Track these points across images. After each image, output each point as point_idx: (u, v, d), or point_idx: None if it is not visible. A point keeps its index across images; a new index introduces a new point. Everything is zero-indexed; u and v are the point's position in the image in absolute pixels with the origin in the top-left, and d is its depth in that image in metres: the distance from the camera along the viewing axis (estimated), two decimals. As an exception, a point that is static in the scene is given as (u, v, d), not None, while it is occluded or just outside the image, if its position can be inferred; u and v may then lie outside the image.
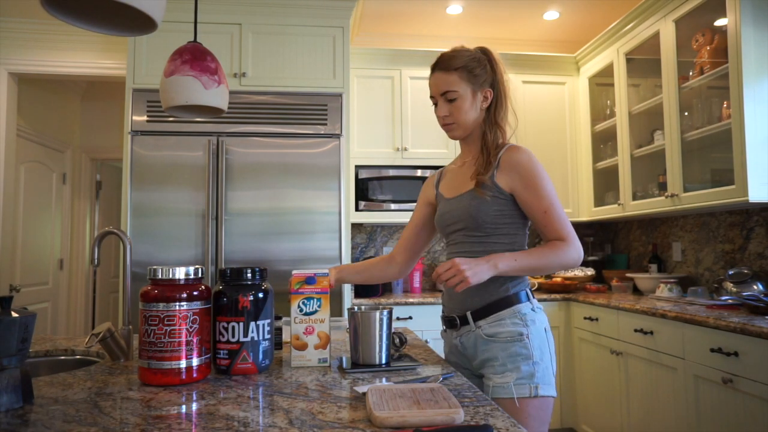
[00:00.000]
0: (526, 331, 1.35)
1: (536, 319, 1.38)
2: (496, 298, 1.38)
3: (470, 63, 1.43)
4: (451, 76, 1.44)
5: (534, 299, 1.43)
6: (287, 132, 2.95)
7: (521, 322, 1.36)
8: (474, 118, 1.46)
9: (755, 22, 2.35)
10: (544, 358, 1.35)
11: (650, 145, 3.05)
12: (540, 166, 1.39)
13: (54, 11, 1.05)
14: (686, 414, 2.25)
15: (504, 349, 1.35)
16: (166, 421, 0.91)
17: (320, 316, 1.33)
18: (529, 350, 1.33)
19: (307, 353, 1.31)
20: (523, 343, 1.34)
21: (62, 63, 3.33)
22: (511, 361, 1.33)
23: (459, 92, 1.43)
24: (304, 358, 1.31)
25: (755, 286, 2.43)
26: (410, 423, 0.86)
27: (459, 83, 1.43)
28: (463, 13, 3.69)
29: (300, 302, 1.33)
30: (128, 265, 1.50)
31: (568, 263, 1.35)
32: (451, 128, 1.48)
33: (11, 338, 0.96)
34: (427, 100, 3.61)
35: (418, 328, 3.10)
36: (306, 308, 1.33)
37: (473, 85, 1.43)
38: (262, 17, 3.00)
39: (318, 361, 1.31)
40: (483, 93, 1.45)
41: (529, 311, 1.38)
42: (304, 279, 1.34)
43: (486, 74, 1.45)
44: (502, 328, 1.36)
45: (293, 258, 2.87)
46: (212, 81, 1.54)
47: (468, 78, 1.43)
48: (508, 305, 1.37)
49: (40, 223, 4.04)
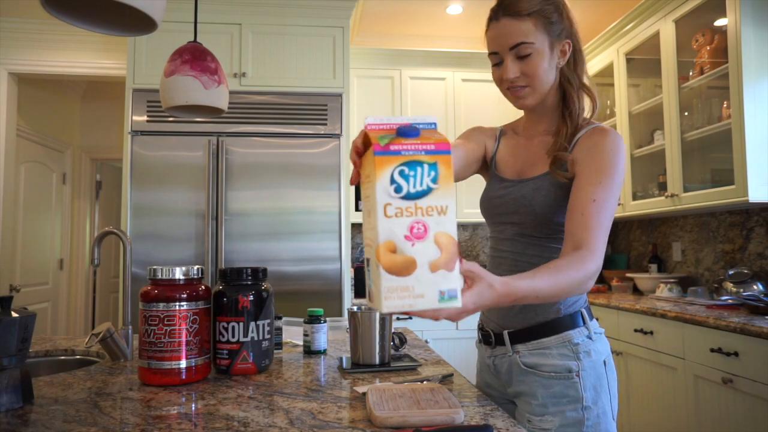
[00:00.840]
0: (577, 367, 1.06)
1: (593, 349, 1.09)
2: (541, 320, 1.10)
3: (545, 7, 1.09)
4: (524, 23, 1.07)
5: (592, 321, 1.12)
6: (287, 132, 2.95)
7: (572, 354, 1.07)
8: (552, 80, 1.12)
9: (755, 22, 2.35)
10: (599, 401, 1.06)
11: (650, 145, 3.05)
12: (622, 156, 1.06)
13: (54, 11, 1.05)
14: (686, 414, 2.25)
15: (546, 386, 1.07)
16: (166, 421, 0.91)
17: (439, 201, 0.66)
18: (578, 391, 1.05)
19: (415, 280, 0.64)
20: (572, 381, 1.06)
21: (62, 63, 3.33)
22: (554, 404, 1.06)
23: (535, 45, 1.08)
24: (410, 292, 0.64)
25: (755, 286, 2.43)
26: (410, 423, 0.86)
27: (535, 33, 1.08)
28: (463, 13, 3.69)
29: (395, 171, 0.65)
30: (128, 265, 1.50)
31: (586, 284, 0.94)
32: (522, 93, 1.12)
33: (11, 338, 0.96)
34: (427, 100, 3.64)
35: (418, 328, 3.10)
36: (408, 185, 0.65)
37: (551, 35, 1.10)
38: (262, 17, 3.00)
39: (439, 298, 0.65)
40: (561, 47, 1.12)
41: (584, 339, 1.09)
42: (394, 131, 0.68)
43: (564, 23, 1.11)
44: (545, 359, 1.08)
45: (293, 258, 2.87)
46: (212, 81, 1.54)
47: (545, 26, 1.09)
48: (556, 330, 1.09)
49: (40, 223, 4.04)
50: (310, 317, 1.50)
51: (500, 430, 0.86)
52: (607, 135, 1.08)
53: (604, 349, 1.11)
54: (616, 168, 1.04)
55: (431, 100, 3.60)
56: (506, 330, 1.14)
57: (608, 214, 1.00)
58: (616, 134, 1.08)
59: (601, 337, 1.12)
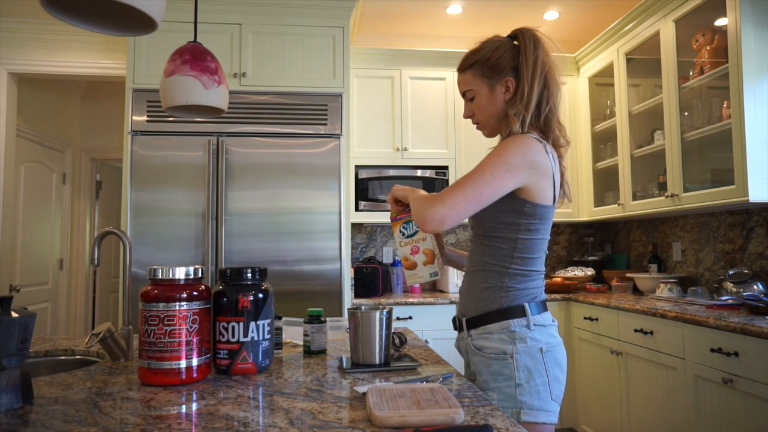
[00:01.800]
0: (511, 350, 1.24)
1: (530, 336, 1.25)
2: (488, 309, 1.30)
3: (488, 54, 1.33)
4: (465, 75, 1.38)
5: (539, 315, 1.29)
6: (287, 132, 2.95)
7: (509, 339, 1.25)
8: (498, 113, 1.35)
9: (755, 22, 2.35)
10: (533, 380, 1.23)
11: (650, 145, 3.05)
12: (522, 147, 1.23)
13: (54, 11, 1.05)
14: (686, 414, 2.25)
15: (486, 365, 1.27)
16: (166, 421, 0.91)
17: (421, 235, 1.43)
18: (511, 370, 1.23)
19: (418, 271, 1.43)
20: (506, 362, 1.24)
21: (62, 63, 3.33)
22: (493, 380, 1.25)
23: (474, 90, 1.36)
24: (417, 275, 1.43)
25: (755, 286, 2.43)
26: (410, 423, 0.86)
27: (473, 81, 1.36)
28: (463, 13, 3.69)
29: (401, 227, 1.45)
30: (128, 265, 1.50)
31: (423, 218, 1.21)
32: (479, 128, 1.42)
33: (11, 338, 0.96)
34: (427, 100, 3.64)
35: (418, 328, 3.10)
36: (407, 231, 1.44)
37: (490, 78, 1.33)
38: (262, 17, 3.00)
39: (429, 275, 1.42)
40: (504, 83, 1.33)
41: (521, 328, 1.26)
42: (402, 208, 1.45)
43: (506, 61, 1.32)
44: (488, 342, 1.28)
45: (293, 258, 2.87)
46: (212, 81, 1.54)
47: (483, 72, 1.34)
48: (498, 319, 1.28)
49: (40, 223, 4.04)
50: (310, 317, 1.50)
51: (500, 430, 0.86)
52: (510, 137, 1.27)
53: (543, 339, 1.27)
54: (500, 152, 1.23)
55: (431, 100, 3.60)
56: (465, 317, 1.36)
57: (468, 180, 1.21)
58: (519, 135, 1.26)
59: (543, 329, 1.28)
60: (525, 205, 1.26)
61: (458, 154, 3.57)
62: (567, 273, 3.59)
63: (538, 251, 1.31)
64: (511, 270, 1.28)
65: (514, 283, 1.29)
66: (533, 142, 1.25)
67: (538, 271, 1.32)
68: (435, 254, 1.42)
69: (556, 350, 1.28)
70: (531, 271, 1.30)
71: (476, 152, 3.55)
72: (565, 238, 4.04)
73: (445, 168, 3.54)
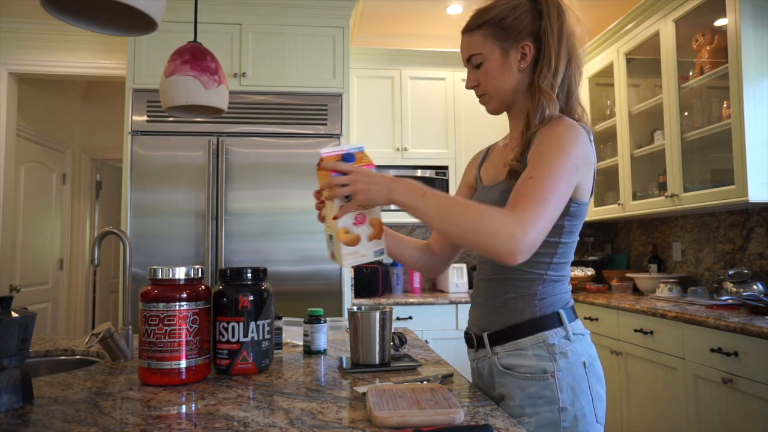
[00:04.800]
0: (552, 368, 1.05)
1: (571, 350, 1.07)
2: (518, 321, 1.09)
3: (501, 13, 1.12)
4: (472, 36, 1.16)
5: (573, 322, 1.10)
6: (287, 132, 2.95)
7: (547, 355, 1.06)
8: (510, 84, 1.14)
9: (755, 22, 2.35)
10: (577, 402, 1.04)
11: (650, 145, 3.05)
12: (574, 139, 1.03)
13: (54, 11, 1.05)
14: (686, 414, 2.25)
15: (522, 387, 1.06)
16: (166, 421, 0.91)
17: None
18: (554, 392, 1.04)
19: (361, 247, 1.06)
20: (547, 382, 1.04)
21: (62, 63, 3.33)
22: (530, 404, 1.05)
23: (484, 54, 1.14)
24: (359, 254, 1.05)
25: (755, 286, 2.43)
26: (410, 423, 0.86)
27: (483, 43, 1.14)
28: (463, 13, 3.69)
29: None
30: (128, 265, 1.50)
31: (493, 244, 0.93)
32: (484, 100, 1.19)
33: (11, 338, 0.96)
34: (427, 100, 3.64)
35: (418, 328, 3.10)
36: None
37: (504, 41, 1.12)
38: (262, 17, 3.00)
39: (374, 254, 1.07)
40: (519, 49, 1.12)
41: (561, 340, 1.07)
42: (339, 157, 1.06)
43: (524, 24, 1.11)
44: (521, 360, 1.07)
45: (293, 258, 2.87)
46: (212, 81, 1.54)
47: (495, 34, 1.12)
48: (532, 331, 1.08)
49: (40, 223, 4.04)
50: (310, 317, 1.50)
51: (500, 430, 0.86)
52: (559, 124, 1.05)
53: (584, 351, 1.08)
54: (563, 149, 1.01)
55: (431, 100, 3.60)
56: (485, 332, 1.14)
57: (547, 189, 0.96)
58: (569, 123, 1.05)
59: (582, 338, 1.10)
60: (571, 205, 1.07)
61: (458, 154, 3.57)
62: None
63: (570, 254, 1.14)
64: (546, 276, 1.10)
65: (547, 291, 1.10)
66: (583, 133, 1.05)
67: (568, 276, 1.15)
68: (382, 228, 1.09)
69: (596, 363, 1.11)
70: (563, 276, 1.13)
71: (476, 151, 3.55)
72: (565, 238, 4.03)
73: (445, 168, 3.54)
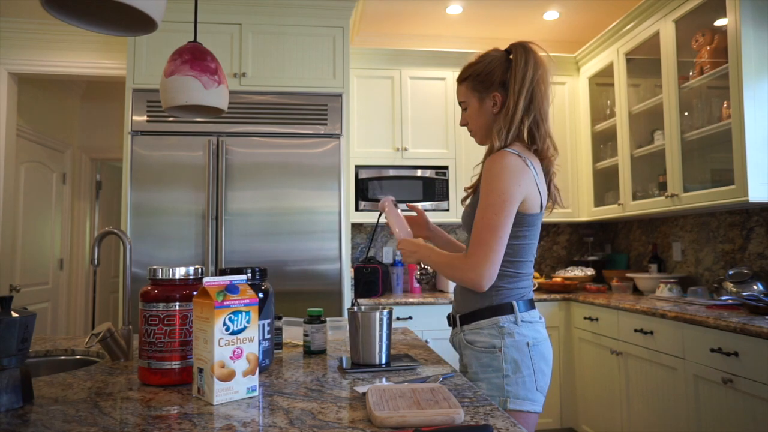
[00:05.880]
0: (500, 344, 1.34)
1: (517, 332, 1.35)
2: (479, 307, 1.39)
3: (480, 69, 1.44)
4: (460, 87, 1.51)
5: (526, 312, 1.38)
6: (287, 132, 2.95)
7: (498, 334, 1.35)
8: (487, 124, 1.46)
9: (755, 22, 2.35)
10: (519, 372, 1.33)
11: (650, 145, 3.05)
12: (506, 170, 1.31)
13: (54, 11, 1.05)
14: (686, 414, 2.25)
15: (477, 358, 1.37)
16: (166, 421, 0.91)
17: (249, 333, 1.05)
18: (499, 363, 1.33)
19: (234, 383, 1.02)
20: (495, 355, 1.34)
21: (62, 63, 3.33)
22: (483, 372, 1.35)
23: (466, 101, 1.49)
24: (231, 390, 1.01)
25: (755, 286, 2.43)
26: (410, 423, 0.86)
27: (466, 93, 1.48)
28: (463, 13, 3.69)
29: (226, 318, 1.02)
30: (128, 265, 1.50)
31: (463, 282, 1.33)
32: (472, 134, 1.53)
33: (11, 338, 0.96)
34: (427, 100, 3.64)
35: (418, 328, 3.10)
36: (233, 325, 1.03)
37: (480, 92, 1.45)
38: (262, 17, 3.00)
39: (247, 391, 1.04)
40: (492, 98, 1.44)
41: (509, 324, 1.35)
42: (224, 288, 1.05)
43: (495, 77, 1.42)
44: (479, 336, 1.38)
45: (293, 258, 2.87)
46: (212, 81, 1.54)
47: (474, 86, 1.45)
48: (488, 315, 1.37)
49: (40, 223, 4.04)
50: (310, 317, 1.50)
51: (500, 430, 0.86)
52: (492, 159, 1.35)
53: (529, 334, 1.36)
54: (491, 184, 1.32)
55: (431, 100, 3.60)
56: (458, 314, 1.45)
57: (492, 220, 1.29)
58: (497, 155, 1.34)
59: (530, 325, 1.37)
60: (525, 217, 1.37)
61: (458, 154, 3.57)
62: (567, 273, 3.59)
63: (526, 255, 1.40)
64: (501, 271, 1.35)
65: (504, 283, 1.38)
66: (512, 159, 1.33)
67: (527, 273, 1.42)
68: (258, 362, 1.07)
69: (542, 345, 1.38)
70: (519, 273, 1.40)
71: (476, 152, 3.55)
72: (565, 238, 4.04)
73: (445, 168, 3.54)
